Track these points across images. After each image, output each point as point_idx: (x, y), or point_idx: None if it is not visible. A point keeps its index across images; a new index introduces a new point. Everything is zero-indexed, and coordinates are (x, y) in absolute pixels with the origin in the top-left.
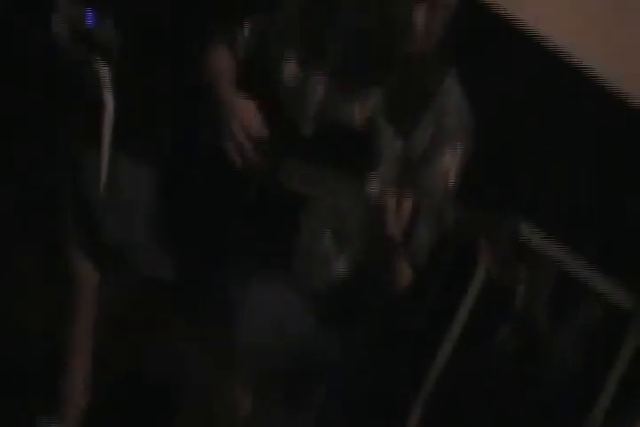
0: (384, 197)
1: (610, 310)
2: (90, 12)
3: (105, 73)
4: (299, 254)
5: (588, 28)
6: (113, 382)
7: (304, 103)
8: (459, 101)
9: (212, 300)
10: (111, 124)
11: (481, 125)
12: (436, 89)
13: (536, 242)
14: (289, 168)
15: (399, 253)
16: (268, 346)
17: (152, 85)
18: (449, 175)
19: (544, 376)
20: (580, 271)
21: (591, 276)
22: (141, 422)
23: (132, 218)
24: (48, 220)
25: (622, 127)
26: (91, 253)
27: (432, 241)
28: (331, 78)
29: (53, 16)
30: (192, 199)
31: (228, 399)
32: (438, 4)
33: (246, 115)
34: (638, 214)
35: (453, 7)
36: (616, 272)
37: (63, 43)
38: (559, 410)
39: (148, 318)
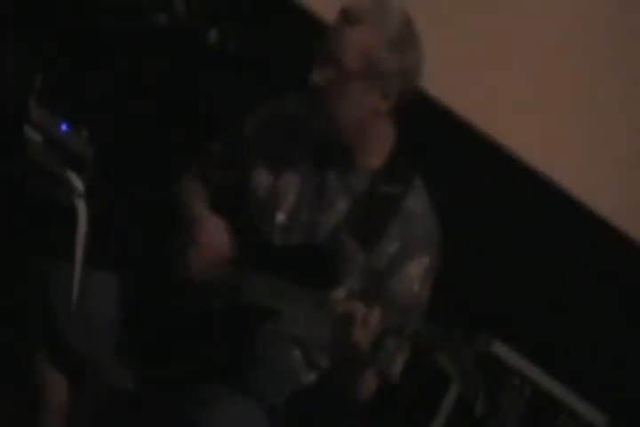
0: (350, 307)
1: None
2: (63, 122)
3: (78, 183)
4: (265, 368)
5: (557, 144)
6: None
7: (273, 213)
8: (425, 211)
9: (171, 416)
10: (84, 235)
11: (449, 236)
12: (401, 200)
13: (509, 360)
14: (253, 281)
15: (365, 363)
16: None
17: (125, 198)
18: (414, 284)
19: None
20: (553, 390)
21: (564, 395)
22: None
23: (99, 331)
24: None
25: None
26: (60, 363)
27: (400, 352)
28: (299, 189)
29: (26, 125)
30: (157, 314)
31: None
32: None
33: (214, 235)
34: (613, 335)
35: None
36: (589, 392)
37: (36, 151)
38: None
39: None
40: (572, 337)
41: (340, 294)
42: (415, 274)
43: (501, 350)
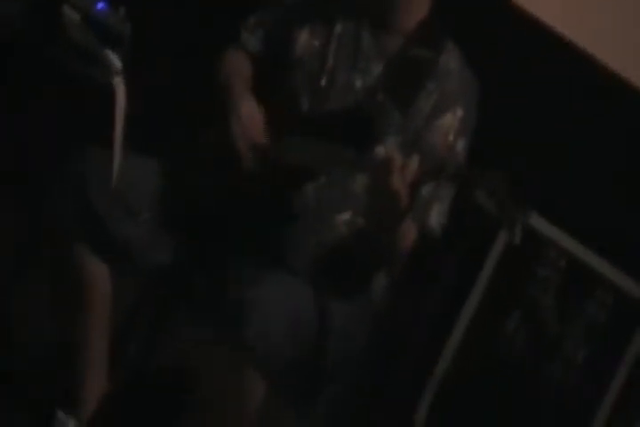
0: (389, 160)
1: (620, 302)
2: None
3: (116, 61)
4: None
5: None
6: (127, 376)
7: (316, 76)
8: (460, 67)
9: (220, 289)
10: (123, 113)
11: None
12: (434, 61)
13: (545, 232)
14: (294, 144)
15: (405, 213)
16: (279, 335)
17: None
18: (448, 135)
19: (551, 370)
20: (590, 262)
21: (601, 266)
22: (156, 414)
23: (139, 212)
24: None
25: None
26: (99, 249)
27: (437, 201)
28: (337, 51)
29: (64, 3)
30: (197, 191)
31: (240, 388)
32: None
33: (250, 117)
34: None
35: None
36: (626, 263)
37: (73, 30)
38: (567, 406)
39: (159, 309)
40: (605, 208)
41: (380, 151)
42: (449, 125)
43: (537, 222)
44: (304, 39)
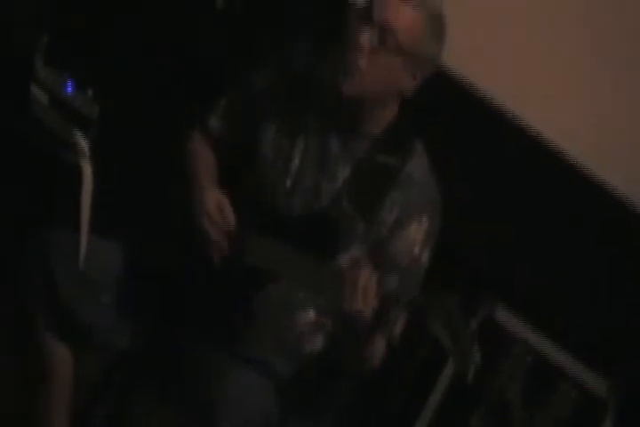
0: (352, 273)
1: (585, 397)
2: (69, 82)
3: (84, 143)
4: (269, 335)
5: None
6: None
7: (281, 176)
8: (425, 175)
9: (182, 381)
10: (89, 195)
11: (452, 200)
12: (400, 168)
13: (512, 326)
14: (256, 245)
15: (373, 329)
16: None
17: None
18: (414, 247)
19: None
20: (555, 357)
21: (566, 361)
22: None
23: (102, 296)
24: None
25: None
26: (62, 332)
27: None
28: (303, 152)
29: (33, 84)
30: (161, 276)
31: None
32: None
33: (217, 207)
34: (616, 301)
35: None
36: (591, 359)
37: (42, 111)
38: None
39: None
40: (574, 304)
41: (341, 261)
42: (415, 237)
43: (503, 316)
44: (271, 136)
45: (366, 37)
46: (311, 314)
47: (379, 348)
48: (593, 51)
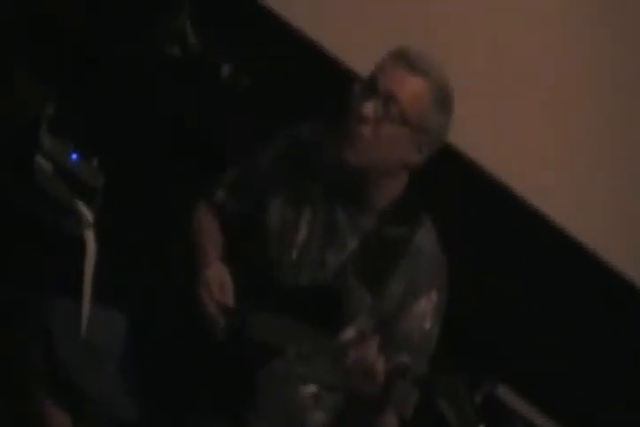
0: (359, 349)
1: None
2: (74, 151)
3: (88, 213)
4: (269, 409)
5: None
6: None
7: (287, 249)
8: (433, 248)
9: None
10: (92, 265)
11: (458, 277)
12: (408, 240)
13: (513, 405)
14: (259, 318)
15: (381, 404)
16: None
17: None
18: (424, 322)
19: None
20: None
21: None
22: None
23: (104, 366)
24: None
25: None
26: (63, 399)
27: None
28: (310, 224)
29: (37, 154)
30: (162, 348)
31: None
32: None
33: (218, 283)
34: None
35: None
36: None
37: (45, 181)
38: None
39: None
40: (577, 383)
41: (347, 335)
42: (424, 311)
43: (506, 394)
44: (277, 207)
45: (370, 107)
46: (312, 388)
47: (391, 423)
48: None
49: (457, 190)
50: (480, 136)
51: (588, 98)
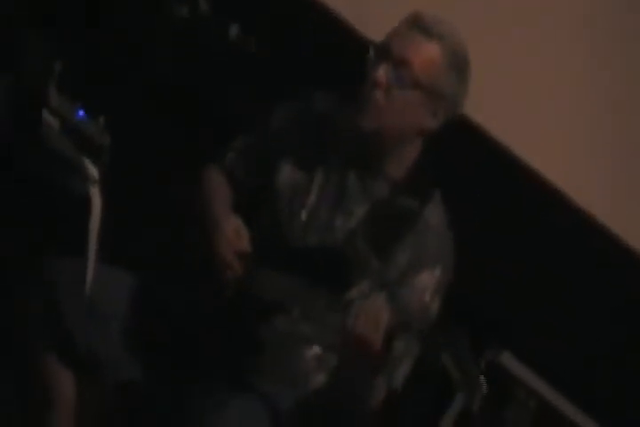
0: (364, 302)
1: None
2: (81, 109)
3: (93, 170)
4: (274, 368)
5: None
6: None
7: (297, 211)
8: (440, 224)
9: (182, 411)
10: (98, 223)
11: (464, 248)
12: (418, 213)
13: (516, 372)
14: (267, 277)
15: (376, 368)
16: None
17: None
18: (425, 295)
19: None
20: (559, 404)
21: (570, 409)
22: None
23: (108, 325)
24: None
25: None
26: (66, 358)
27: (406, 357)
28: (321, 188)
29: (44, 110)
30: (169, 310)
31: None
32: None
33: (235, 230)
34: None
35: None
36: (595, 407)
37: (52, 138)
38: None
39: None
40: (579, 350)
41: (352, 295)
42: (426, 284)
43: (509, 361)
44: (288, 171)
45: (383, 72)
46: (316, 349)
47: (379, 389)
48: None
49: (470, 163)
50: (496, 110)
51: (604, 70)
